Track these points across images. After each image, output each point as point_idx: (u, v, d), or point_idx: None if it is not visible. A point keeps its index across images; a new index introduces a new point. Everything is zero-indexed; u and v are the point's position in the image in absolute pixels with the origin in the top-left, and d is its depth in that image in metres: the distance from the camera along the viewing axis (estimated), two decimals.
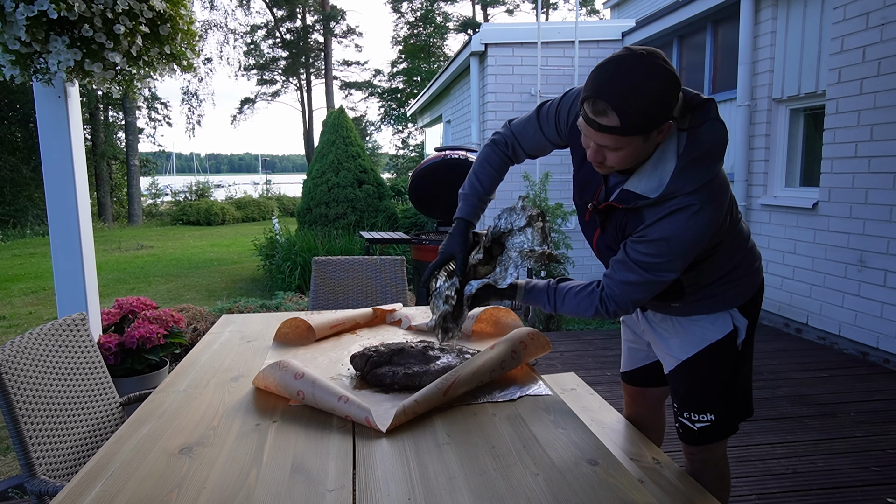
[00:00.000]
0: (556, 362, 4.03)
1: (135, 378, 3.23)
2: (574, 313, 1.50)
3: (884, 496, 2.33)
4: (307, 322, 1.97)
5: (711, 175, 1.31)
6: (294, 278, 6.82)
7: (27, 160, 16.83)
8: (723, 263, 1.49)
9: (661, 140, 1.31)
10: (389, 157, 27.52)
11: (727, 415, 1.56)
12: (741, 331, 1.53)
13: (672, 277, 1.36)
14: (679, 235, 1.30)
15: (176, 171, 43.76)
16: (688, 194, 1.29)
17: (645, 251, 1.33)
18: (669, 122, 1.27)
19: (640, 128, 1.23)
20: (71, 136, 2.85)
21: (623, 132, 1.23)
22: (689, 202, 1.29)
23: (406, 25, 27.32)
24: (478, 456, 1.20)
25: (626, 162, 1.32)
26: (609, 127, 1.23)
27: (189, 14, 2.73)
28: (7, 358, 1.54)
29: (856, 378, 3.63)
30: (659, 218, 1.31)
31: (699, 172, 1.30)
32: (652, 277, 1.36)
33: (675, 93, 1.24)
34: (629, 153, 1.29)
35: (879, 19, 3.82)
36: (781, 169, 4.88)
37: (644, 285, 1.38)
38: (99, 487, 1.08)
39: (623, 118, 1.21)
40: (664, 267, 1.34)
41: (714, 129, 1.32)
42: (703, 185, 1.30)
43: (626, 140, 1.25)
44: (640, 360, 1.82)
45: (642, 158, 1.34)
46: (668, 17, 5.76)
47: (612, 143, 1.27)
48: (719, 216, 1.34)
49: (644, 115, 1.21)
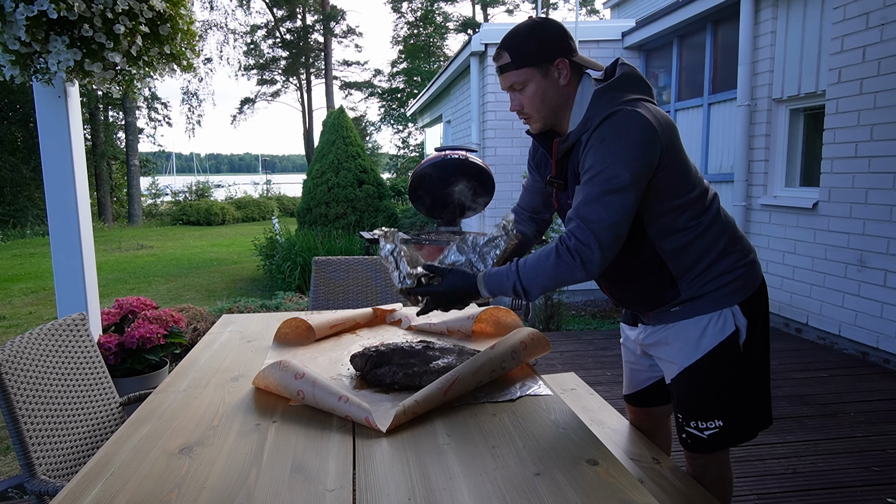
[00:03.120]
0: (556, 362, 4.03)
1: (135, 378, 3.23)
2: (538, 271, 1.38)
3: (884, 496, 2.33)
4: (307, 322, 1.97)
5: (631, 96, 1.41)
6: (294, 278, 6.82)
7: (27, 160, 16.83)
8: (708, 245, 1.48)
9: (565, 82, 1.45)
10: (389, 157, 27.52)
11: (737, 420, 1.52)
12: (742, 332, 1.50)
13: (624, 183, 1.31)
14: (613, 134, 1.35)
15: (176, 171, 43.76)
16: (612, 109, 1.38)
17: (587, 166, 1.38)
18: (564, 60, 1.44)
19: (528, 58, 1.44)
20: (71, 136, 2.85)
21: (515, 64, 1.45)
22: (614, 109, 1.38)
23: (406, 25, 27.34)
24: (478, 456, 1.19)
25: (536, 101, 1.47)
26: (505, 65, 1.47)
27: (189, 14, 2.73)
28: (7, 358, 1.54)
29: (856, 378, 3.63)
30: (591, 132, 1.40)
31: (616, 95, 1.42)
32: (600, 188, 1.33)
33: (558, 29, 1.45)
34: (534, 91, 1.46)
35: (879, 19, 3.82)
36: (781, 169, 4.88)
37: (598, 202, 1.33)
38: (99, 487, 1.08)
39: (511, 51, 1.45)
40: (608, 172, 1.32)
41: (623, 69, 1.48)
42: (622, 103, 1.39)
43: (522, 73, 1.45)
44: (642, 382, 1.79)
45: (555, 103, 1.47)
46: (668, 17, 5.76)
47: (514, 80, 1.46)
48: (658, 125, 1.37)
49: (528, 45, 1.44)
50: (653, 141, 1.35)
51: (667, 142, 1.39)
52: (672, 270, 1.49)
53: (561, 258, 1.35)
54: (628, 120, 1.35)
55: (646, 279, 1.54)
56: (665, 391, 1.74)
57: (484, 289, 1.46)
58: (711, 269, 1.49)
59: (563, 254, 1.35)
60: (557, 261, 1.36)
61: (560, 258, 1.35)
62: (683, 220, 1.46)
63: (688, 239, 1.47)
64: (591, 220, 1.33)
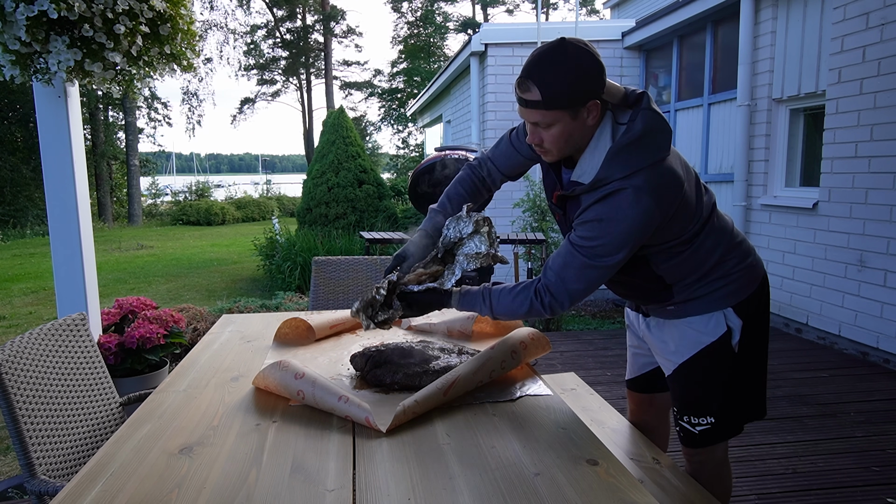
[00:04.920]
0: (556, 362, 4.03)
1: (135, 378, 3.23)
2: (510, 313, 1.47)
3: (884, 496, 2.33)
4: (307, 322, 1.97)
5: (645, 163, 1.33)
6: (294, 278, 6.82)
7: (27, 160, 16.83)
8: (703, 258, 1.48)
9: (592, 122, 1.36)
10: (389, 157, 27.52)
11: (727, 417, 1.55)
12: (735, 332, 1.51)
13: (609, 264, 1.35)
14: (613, 218, 1.32)
15: (176, 171, 43.72)
16: (620, 179, 1.32)
17: (581, 234, 1.36)
18: (596, 102, 1.33)
19: (561, 101, 1.30)
20: (71, 136, 2.85)
21: (546, 105, 1.31)
22: (621, 186, 1.32)
23: (406, 25, 27.35)
24: (478, 456, 1.20)
25: (560, 142, 1.37)
26: (533, 101, 1.32)
27: (189, 14, 2.73)
28: (7, 358, 1.54)
29: (856, 378, 3.63)
30: (594, 202, 1.36)
31: (630, 158, 1.33)
32: (588, 261, 1.36)
33: (596, 70, 1.31)
34: (560, 132, 1.35)
35: (879, 19, 3.82)
36: (781, 169, 4.88)
37: (580, 271, 1.37)
38: (99, 487, 1.08)
39: (543, 91, 1.30)
40: (599, 251, 1.34)
41: (645, 118, 1.35)
42: (635, 171, 1.32)
43: (551, 115, 1.32)
44: (645, 366, 1.81)
45: (578, 142, 1.39)
46: (668, 17, 5.76)
47: (540, 119, 1.34)
48: (661, 208, 1.33)
49: (561, 88, 1.29)
50: (652, 221, 1.34)
51: (673, 209, 1.38)
52: (667, 280, 1.51)
53: (534, 308, 1.44)
54: (632, 203, 1.31)
55: (641, 287, 1.59)
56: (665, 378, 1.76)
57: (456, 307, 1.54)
58: (706, 276, 1.51)
59: (536, 304, 1.43)
60: (530, 309, 1.44)
61: (533, 308, 1.44)
62: (681, 247, 1.48)
63: (684, 256, 1.48)
64: (569, 283, 1.39)
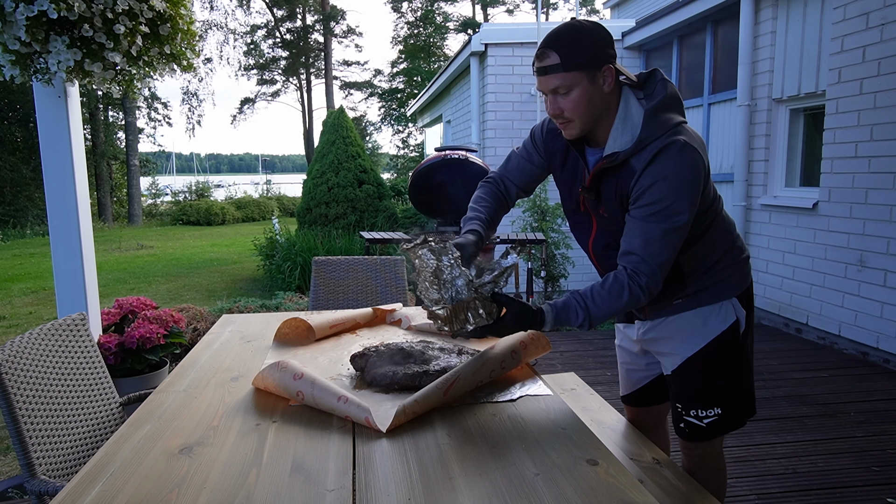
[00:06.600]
0: (556, 362, 4.03)
1: (135, 378, 3.23)
2: (609, 311, 1.40)
3: (884, 496, 2.33)
4: (307, 322, 1.97)
5: (677, 122, 1.41)
6: (294, 278, 6.82)
7: (27, 160, 16.82)
8: (717, 246, 1.55)
9: (608, 90, 1.40)
10: (389, 157, 27.51)
11: (733, 408, 1.58)
12: (742, 322, 1.57)
13: (684, 221, 1.37)
14: (676, 171, 1.35)
15: (176, 171, 43.73)
16: (664, 135, 1.38)
17: (649, 201, 1.37)
18: (611, 68, 1.39)
19: (578, 61, 1.36)
20: (71, 136, 2.85)
21: (564, 67, 1.36)
22: (670, 140, 1.37)
23: (406, 25, 27.32)
24: (478, 456, 1.19)
25: (581, 108, 1.40)
26: (553, 66, 1.37)
27: (189, 14, 2.73)
28: (7, 358, 1.54)
29: (856, 378, 3.63)
30: (648, 162, 1.37)
31: (666, 117, 1.40)
32: (666, 226, 1.37)
33: (608, 36, 1.40)
34: (580, 96, 1.39)
35: (879, 19, 3.82)
36: (781, 169, 4.88)
37: (663, 239, 1.37)
38: (99, 487, 1.08)
39: (561, 53, 1.36)
40: (673, 208, 1.35)
41: (666, 86, 1.44)
42: (674, 126, 1.39)
43: (570, 77, 1.37)
44: (639, 381, 1.83)
45: (597, 109, 1.42)
46: (668, 17, 5.76)
47: (560, 83, 1.38)
48: (703, 162, 1.40)
49: (578, 49, 1.36)
50: (706, 175, 1.41)
51: (706, 170, 1.44)
52: (684, 269, 1.54)
53: (633, 295, 1.39)
54: (687, 155, 1.36)
55: None
56: (662, 389, 1.79)
57: (548, 326, 1.42)
58: (715, 266, 1.55)
59: (636, 291, 1.39)
60: (630, 298, 1.39)
61: (633, 295, 1.39)
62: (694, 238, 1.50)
63: (697, 247, 1.53)
64: (657, 257, 1.38)
